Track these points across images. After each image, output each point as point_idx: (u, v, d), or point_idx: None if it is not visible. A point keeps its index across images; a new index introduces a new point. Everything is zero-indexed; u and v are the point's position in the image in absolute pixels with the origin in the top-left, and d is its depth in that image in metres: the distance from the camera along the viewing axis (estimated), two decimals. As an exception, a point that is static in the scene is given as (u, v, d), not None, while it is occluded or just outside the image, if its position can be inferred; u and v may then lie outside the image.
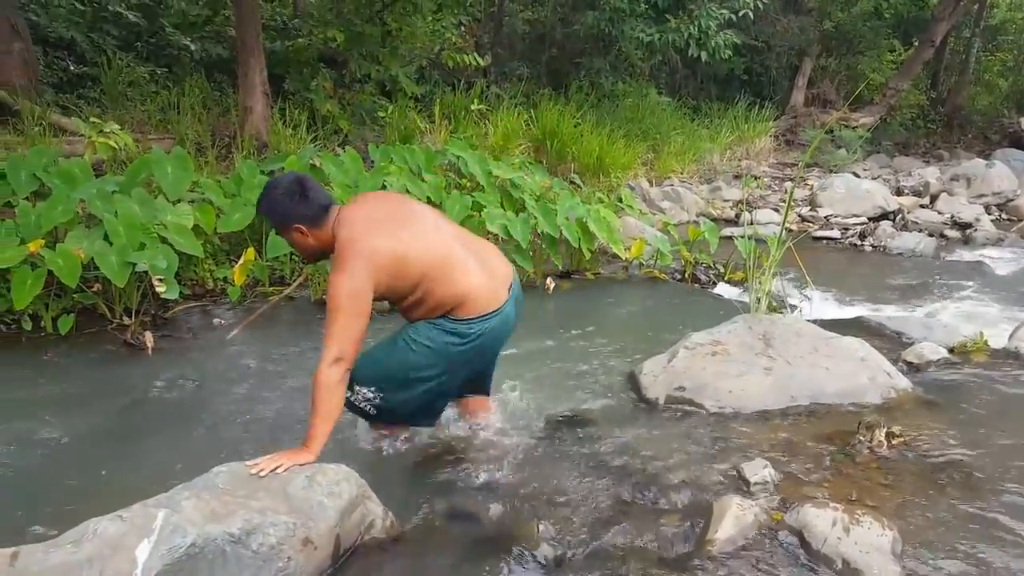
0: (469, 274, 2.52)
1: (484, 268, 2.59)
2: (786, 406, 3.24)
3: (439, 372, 2.60)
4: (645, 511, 2.50)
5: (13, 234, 3.85)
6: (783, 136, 13.07)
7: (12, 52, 6.21)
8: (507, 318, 2.64)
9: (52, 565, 1.83)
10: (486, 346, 2.63)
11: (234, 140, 6.38)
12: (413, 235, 2.45)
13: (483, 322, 2.54)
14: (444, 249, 2.50)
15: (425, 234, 2.49)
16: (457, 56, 8.61)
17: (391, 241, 2.39)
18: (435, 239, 2.50)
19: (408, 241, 2.42)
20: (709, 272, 5.87)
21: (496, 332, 2.62)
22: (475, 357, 2.64)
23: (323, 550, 2.07)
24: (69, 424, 3.05)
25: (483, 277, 2.56)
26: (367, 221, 2.42)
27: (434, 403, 2.77)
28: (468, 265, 2.54)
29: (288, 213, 2.44)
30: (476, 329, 2.54)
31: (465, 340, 2.55)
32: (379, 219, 2.44)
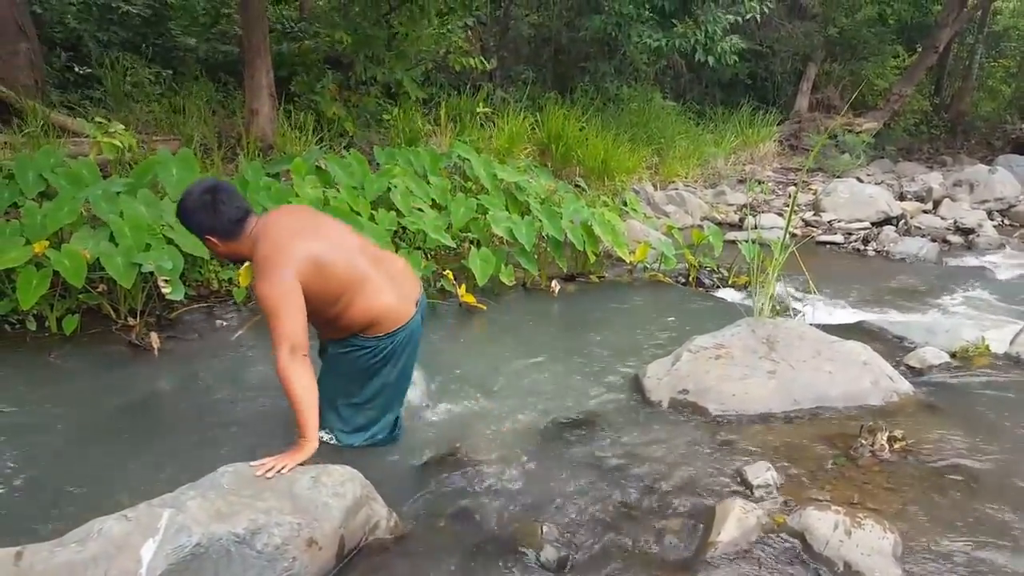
0: (382, 293, 2.62)
1: (394, 286, 2.69)
2: (789, 409, 3.24)
3: (369, 389, 2.77)
4: (648, 514, 2.51)
5: (18, 234, 3.86)
6: (787, 141, 13.07)
7: (18, 52, 6.23)
8: (414, 332, 2.79)
9: (57, 564, 1.84)
10: (396, 355, 2.76)
11: (240, 142, 6.39)
12: (332, 245, 2.52)
13: (391, 337, 2.69)
14: (362, 265, 2.58)
15: (343, 247, 2.56)
16: (463, 59, 8.62)
17: (313, 247, 2.45)
18: (353, 253, 2.58)
19: (328, 250, 2.49)
20: (713, 276, 5.87)
21: (405, 343, 2.76)
22: (385, 367, 2.76)
23: (328, 550, 2.08)
24: (74, 424, 3.06)
25: (393, 296, 2.66)
26: (288, 230, 2.47)
27: (379, 419, 2.88)
28: (380, 283, 2.63)
29: (200, 224, 2.47)
30: (386, 344, 2.69)
31: (378, 355, 2.71)
32: (298, 229, 2.50)
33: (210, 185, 2.48)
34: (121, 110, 6.49)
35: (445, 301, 4.80)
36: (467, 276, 4.88)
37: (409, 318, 2.72)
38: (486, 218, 5.24)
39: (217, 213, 2.43)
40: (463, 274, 4.92)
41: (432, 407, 3.34)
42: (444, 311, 4.71)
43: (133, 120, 6.28)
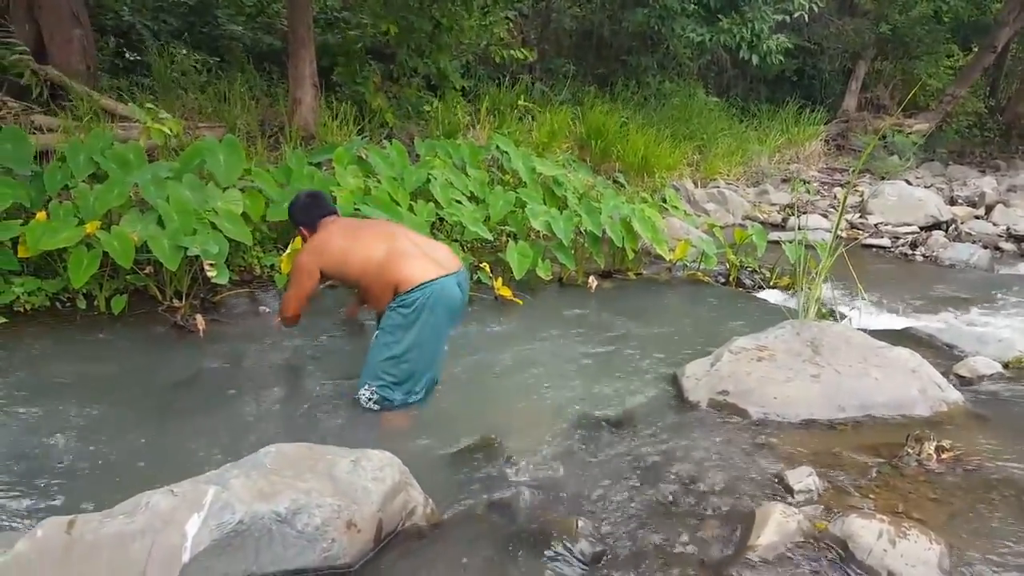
0: (410, 262, 3.12)
1: (427, 257, 3.18)
2: (833, 415, 3.17)
3: (405, 341, 3.09)
4: (685, 514, 2.48)
5: (71, 215, 3.96)
6: (834, 140, 12.81)
7: (72, 39, 6.37)
8: (445, 288, 3.12)
9: (106, 534, 1.89)
10: (430, 310, 3.09)
11: (282, 130, 6.47)
12: (359, 246, 3.19)
13: (420, 290, 3.07)
14: (387, 252, 3.14)
15: (368, 246, 3.18)
16: (504, 51, 8.61)
17: (338, 244, 3.21)
18: (382, 245, 3.16)
19: (350, 248, 3.19)
20: (755, 276, 5.78)
21: (436, 298, 3.08)
22: (424, 321, 3.09)
23: (366, 533, 2.10)
24: (122, 401, 3.13)
25: (422, 261, 3.14)
26: (330, 231, 3.28)
27: (414, 374, 3.16)
28: (409, 258, 3.13)
29: (299, 219, 3.44)
30: (418, 293, 3.06)
31: (410, 307, 3.07)
32: (339, 230, 3.28)
33: (312, 193, 3.54)
34: (168, 96, 6.61)
35: (481, 294, 4.80)
36: (504, 269, 4.88)
37: (438, 276, 3.09)
38: (524, 211, 5.22)
39: (309, 213, 3.40)
40: (500, 267, 4.92)
41: (467, 398, 3.34)
42: (480, 304, 4.71)
43: (179, 107, 6.40)
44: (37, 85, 6.00)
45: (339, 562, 2.05)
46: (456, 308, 3.21)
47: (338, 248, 3.20)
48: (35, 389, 3.17)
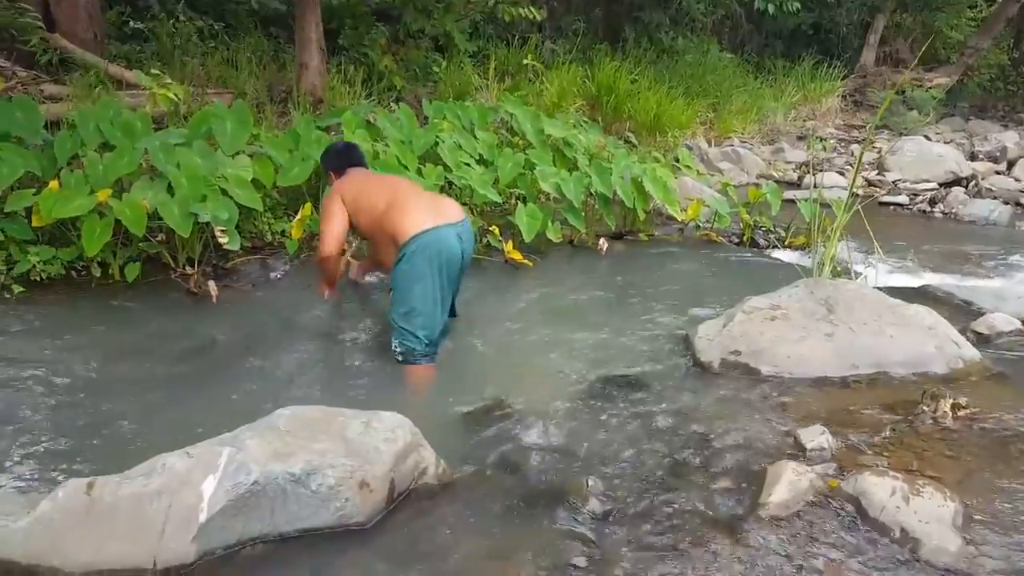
0: (407, 213, 3.21)
1: (425, 209, 3.25)
2: (847, 373, 3.16)
3: (413, 293, 3.17)
4: (696, 473, 2.49)
5: (83, 184, 3.97)
6: (851, 96, 12.55)
7: (78, 5, 6.32)
8: (441, 237, 3.19)
9: (124, 495, 1.93)
10: (428, 260, 3.16)
11: (290, 95, 6.42)
12: (365, 199, 3.37)
13: (417, 238, 3.14)
14: (387, 205, 3.26)
15: (373, 199, 3.33)
16: (513, 10, 8.45)
17: (351, 193, 3.42)
18: (383, 199, 3.29)
19: (359, 199, 3.38)
20: (769, 236, 5.72)
21: (433, 248, 3.16)
22: (423, 267, 3.16)
23: (378, 493, 2.13)
24: (139, 365, 3.18)
25: (419, 212, 3.22)
26: (352, 181, 3.52)
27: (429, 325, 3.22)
28: (407, 210, 3.23)
29: (329, 164, 3.74)
30: (413, 244, 3.14)
31: (410, 255, 3.15)
32: (355, 181, 3.51)
33: (349, 144, 3.89)
34: (175, 63, 6.56)
35: (491, 257, 4.79)
36: (514, 232, 4.85)
37: (434, 226, 3.17)
38: (533, 174, 5.18)
39: (339, 160, 3.70)
40: (509, 230, 4.90)
41: (478, 360, 3.36)
42: (490, 267, 4.70)
43: (187, 73, 6.35)
44: (45, 53, 5.98)
45: (352, 521, 2.08)
46: (454, 257, 3.25)
47: (351, 197, 3.39)
48: (53, 356, 3.22)
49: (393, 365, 3.25)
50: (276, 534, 2.02)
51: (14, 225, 3.89)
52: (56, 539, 1.89)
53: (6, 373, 3.04)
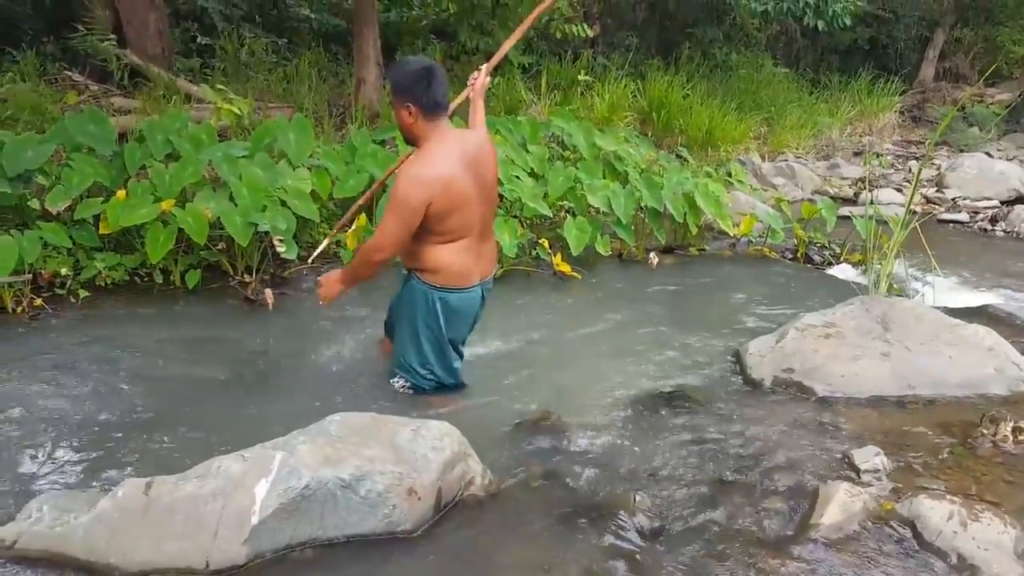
0: (462, 254, 2.79)
1: (476, 257, 2.86)
2: (903, 394, 3.08)
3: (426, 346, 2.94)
4: (746, 491, 2.45)
5: (149, 193, 4.13)
6: (909, 112, 12.23)
7: (148, 23, 6.60)
8: (473, 300, 2.93)
9: (181, 496, 1.99)
10: (443, 313, 2.87)
11: (348, 110, 6.58)
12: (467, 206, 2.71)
13: (453, 291, 2.84)
14: (470, 229, 2.77)
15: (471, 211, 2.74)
16: (565, 27, 8.51)
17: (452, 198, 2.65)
18: (471, 220, 2.76)
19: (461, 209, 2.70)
20: (824, 252, 5.61)
21: (472, 306, 2.94)
22: (429, 317, 2.88)
23: (426, 501, 2.15)
24: (198, 370, 3.28)
25: (468, 262, 2.83)
26: (450, 166, 2.66)
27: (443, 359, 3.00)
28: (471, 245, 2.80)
29: (409, 89, 2.67)
30: (453, 297, 2.85)
31: (425, 297, 2.84)
32: (460, 170, 2.68)
33: (433, 65, 2.71)
34: (239, 78, 6.79)
35: (540, 269, 4.80)
36: (562, 245, 4.87)
37: (473, 285, 2.88)
38: (583, 187, 5.19)
39: (429, 90, 2.65)
40: (558, 243, 4.91)
41: (525, 372, 3.37)
42: (539, 279, 4.72)
43: (250, 88, 6.56)
44: (117, 69, 6.25)
45: (400, 528, 2.11)
46: (475, 316, 3.05)
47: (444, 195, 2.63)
48: (115, 359, 3.34)
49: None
50: (325, 539, 2.06)
51: (83, 232, 4.06)
52: (114, 537, 1.96)
53: (70, 375, 3.17)
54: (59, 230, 3.90)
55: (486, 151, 2.87)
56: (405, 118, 2.71)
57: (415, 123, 2.70)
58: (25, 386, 3.04)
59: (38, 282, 3.90)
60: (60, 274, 3.94)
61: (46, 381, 3.10)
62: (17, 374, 3.13)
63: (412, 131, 2.74)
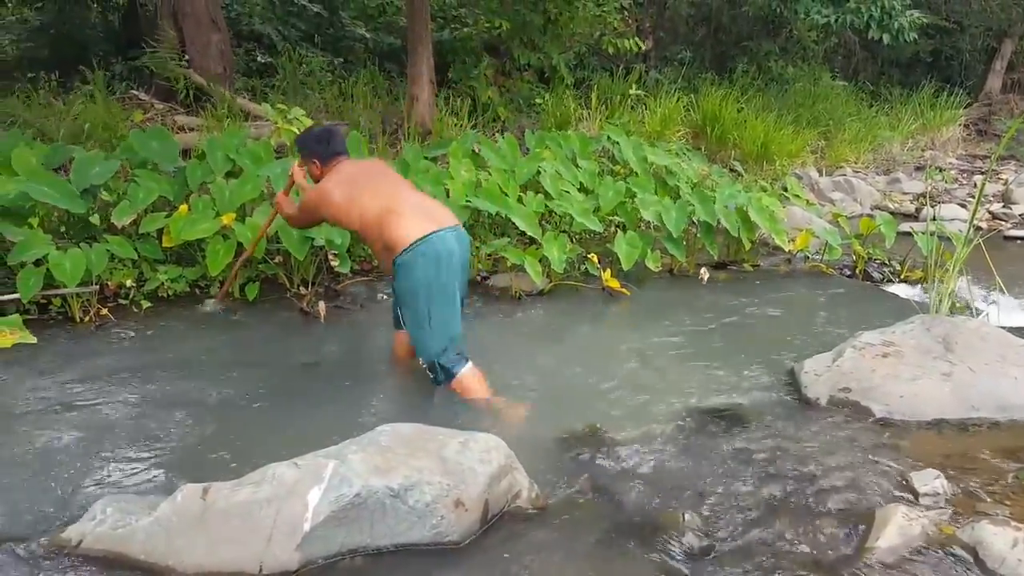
0: (401, 220, 3.06)
1: (422, 215, 3.11)
2: (965, 416, 2.97)
3: (421, 309, 3.07)
4: (799, 512, 2.40)
5: (209, 208, 4.28)
6: (974, 125, 11.84)
7: (211, 43, 6.86)
8: (442, 240, 3.06)
9: (236, 502, 2.04)
10: (425, 266, 3.03)
11: (401, 127, 6.70)
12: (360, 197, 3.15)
13: (413, 246, 3.01)
14: (380, 210, 3.10)
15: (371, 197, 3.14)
16: (617, 42, 8.52)
17: (343, 194, 3.17)
18: (376, 203, 3.12)
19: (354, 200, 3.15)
20: (883, 269, 5.45)
21: (430, 255, 3.03)
22: (421, 279, 3.04)
23: (473, 513, 2.16)
24: (254, 379, 3.37)
25: (414, 219, 3.08)
26: (341, 177, 3.23)
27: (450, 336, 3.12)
28: (401, 217, 3.08)
29: (312, 150, 3.36)
30: (408, 255, 3.02)
31: (407, 265, 3.03)
32: (349, 179, 3.22)
33: (328, 128, 3.47)
34: (296, 96, 6.99)
35: (589, 285, 4.79)
36: (612, 260, 4.85)
37: (431, 232, 3.04)
38: (634, 202, 5.17)
39: (327, 146, 3.33)
40: (608, 258, 4.89)
41: (574, 386, 3.36)
42: (588, 295, 4.71)
43: (307, 106, 6.74)
44: (181, 88, 6.50)
45: (447, 539, 2.12)
46: (455, 261, 3.11)
47: (342, 197, 3.17)
48: (176, 366, 3.46)
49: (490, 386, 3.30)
50: (374, 547, 2.09)
51: (147, 245, 4.23)
52: (172, 540, 2.02)
53: (133, 382, 3.29)
54: (124, 243, 4.07)
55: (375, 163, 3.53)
56: (314, 171, 3.37)
57: (321, 172, 3.34)
58: (91, 392, 3.17)
59: (104, 293, 4.07)
60: (125, 285, 4.11)
61: (110, 388, 3.23)
62: (83, 381, 3.28)
63: (322, 177, 3.33)
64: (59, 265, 3.71)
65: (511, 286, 4.60)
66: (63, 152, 4.39)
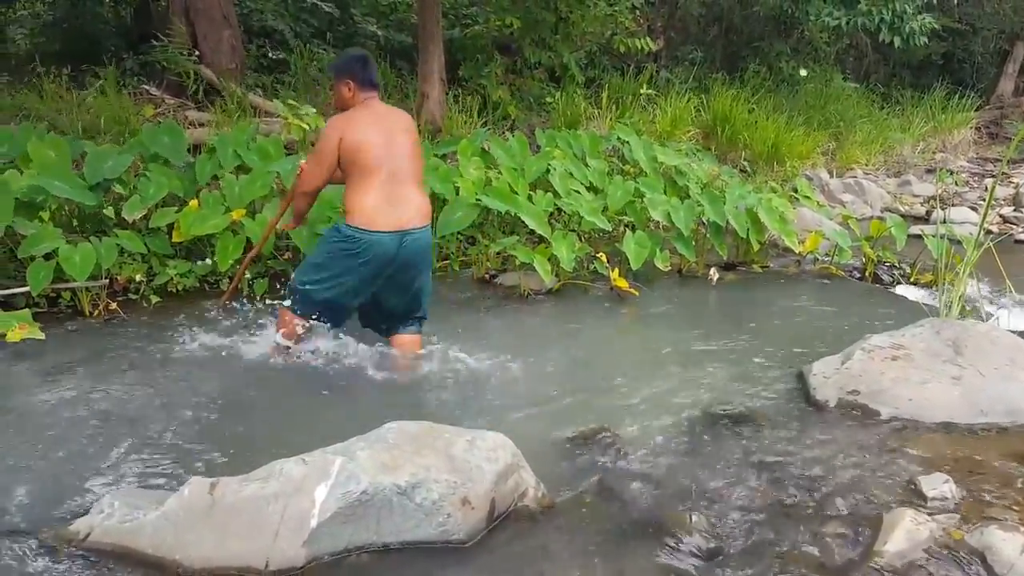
0: (368, 199, 3.16)
1: (388, 203, 3.20)
2: (974, 421, 2.96)
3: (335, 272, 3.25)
4: (807, 515, 2.39)
5: (219, 204, 4.29)
6: (986, 128, 11.77)
7: (222, 39, 6.86)
8: (381, 244, 3.18)
9: (244, 497, 2.05)
10: (361, 255, 3.19)
11: (411, 124, 6.69)
12: (372, 147, 3.19)
13: (359, 232, 3.16)
14: (373, 170, 3.17)
15: (375, 151, 3.18)
16: (628, 41, 8.50)
17: (357, 138, 3.18)
18: (376, 160, 3.18)
19: (365, 147, 3.17)
20: (893, 272, 5.43)
21: (373, 250, 3.18)
22: (364, 269, 3.23)
23: (479, 511, 2.16)
24: (259, 374, 3.37)
25: (379, 205, 3.18)
26: (360, 122, 3.23)
27: (337, 302, 3.35)
28: (372, 196, 3.17)
29: (350, 70, 3.32)
30: (349, 232, 3.17)
31: (345, 240, 3.19)
32: (369, 122, 3.24)
33: (364, 53, 3.46)
34: (307, 92, 6.99)
35: (597, 284, 4.78)
36: (621, 260, 4.84)
37: (382, 230, 3.17)
38: (643, 201, 5.16)
39: (365, 71, 3.33)
40: (616, 258, 4.89)
41: (580, 386, 3.36)
42: (596, 294, 4.70)
43: (318, 102, 6.75)
44: (192, 83, 6.52)
45: (453, 537, 2.13)
46: (402, 263, 3.27)
47: (352, 143, 3.16)
48: (183, 362, 3.47)
49: (497, 385, 3.31)
50: (380, 544, 2.09)
51: (156, 240, 4.24)
52: (179, 534, 2.03)
53: (141, 376, 3.31)
54: (135, 237, 4.08)
55: (402, 119, 3.42)
56: (345, 94, 3.31)
57: (353, 96, 3.30)
58: (99, 386, 3.18)
59: (113, 287, 4.09)
60: (134, 280, 4.12)
61: (119, 382, 3.24)
62: (92, 374, 3.29)
63: (350, 103, 3.32)
64: (69, 259, 3.73)
65: (520, 284, 4.60)
66: (76, 146, 4.41)
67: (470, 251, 5.04)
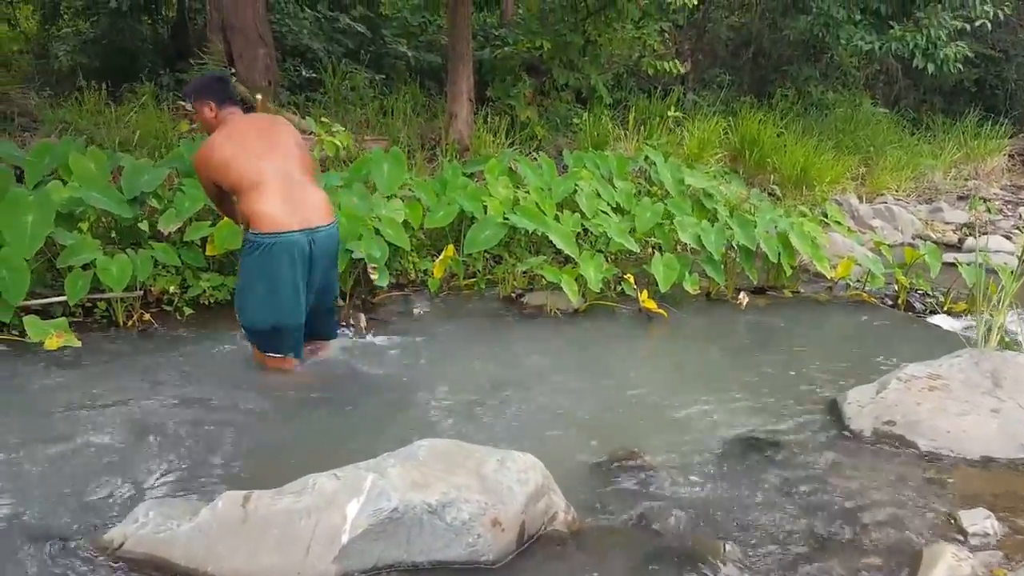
0: (268, 202, 3.17)
1: (288, 204, 3.21)
2: (1015, 456, 2.89)
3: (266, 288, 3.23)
4: (842, 548, 2.34)
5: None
6: (1020, 156, 11.61)
7: (257, 57, 6.99)
8: (294, 244, 3.20)
9: (277, 510, 2.05)
10: (275, 258, 3.19)
11: (439, 143, 6.75)
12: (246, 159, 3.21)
13: (268, 236, 3.17)
14: (258, 177, 3.19)
15: (253, 161, 3.20)
16: (656, 63, 8.52)
17: (231, 150, 3.22)
18: (257, 168, 3.20)
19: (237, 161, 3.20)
20: (926, 300, 5.34)
21: (284, 251, 3.18)
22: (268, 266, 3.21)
23: (510, 532, 2.14)
24: (290, 388, 3.39)
25: (279, 208, 3.19)
26: (232, 131, 3.28)
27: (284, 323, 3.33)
28: (271, 199, 3.18)
29: (208, 91, 3.37)
30: (262, 239, 3.18)
31: (256, 246, 3.20)
32: (240, 134, 3.27)
33: (222, 74, 3.36)
34: (339, 111, 7.08)
35: (624, 305, 4.76)
36: (648, 281, 4.81)
37: (289, 230, 3.18)
38: (671, 223, 5.14)
39: (226, 90, 3.41)
40: (644, 279, 4.86)
41: (609, 409, 3.33)
42: (624, 315, 4.68)
43: (348, 120, 6.84)
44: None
45: (483, 558, 2.11)
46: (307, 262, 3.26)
47: (225, 156, 3.21)
48: (215, 374, 3.50)
49: (525, 404, 3.29)
50: (410, 563, 2.08)
51: (190, 253, 4.29)
52: (212, 546, 2.03)
53: (174, 388, 3.33)
54: (169, 250, 4.13)
55: (275, 121, 3.52)
56: (208, 116, 3.35)
57: (215, 116, 3.33)
58: (133, 395, 3.21)
59: (147, 298, 4.14)
60: (168, 292, 4.17)
61: (152, 391, 3.27)
62: (127, 383, 3.32)
63: (214, 124, 3.34)
64: (106, 270, 3.79)
65: (547, 304, 4.59)
66: (114, 159, 4.49)
67: (496, 269, 5.04)
